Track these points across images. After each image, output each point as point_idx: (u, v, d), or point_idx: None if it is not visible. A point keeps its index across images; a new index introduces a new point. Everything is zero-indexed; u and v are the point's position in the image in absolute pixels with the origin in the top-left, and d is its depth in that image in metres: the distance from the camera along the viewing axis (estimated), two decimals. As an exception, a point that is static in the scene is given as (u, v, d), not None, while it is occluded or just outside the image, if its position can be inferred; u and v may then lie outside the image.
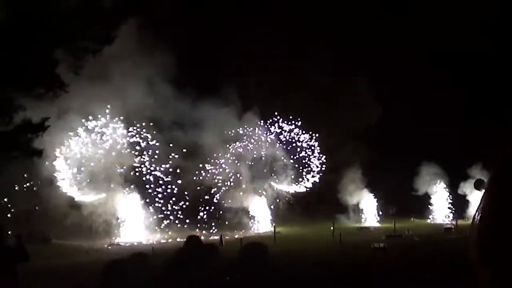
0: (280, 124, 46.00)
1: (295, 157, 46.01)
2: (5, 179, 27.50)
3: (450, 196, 45.72)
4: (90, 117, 37.63)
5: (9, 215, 32.49)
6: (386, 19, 45.86)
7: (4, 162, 22.86)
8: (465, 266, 1.05)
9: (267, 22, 43.14)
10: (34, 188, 35.83)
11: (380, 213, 45.22)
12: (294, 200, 45.55)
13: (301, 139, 46.71)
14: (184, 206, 40.33)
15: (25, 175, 34.63)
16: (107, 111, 37.90)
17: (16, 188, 34.38)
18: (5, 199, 33.39)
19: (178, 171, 40.28)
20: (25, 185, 35.30)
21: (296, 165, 45.88)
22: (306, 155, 46.79)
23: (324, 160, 46.67)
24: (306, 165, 46.63)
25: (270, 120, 45.28)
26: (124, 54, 33.90)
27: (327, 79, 44.96)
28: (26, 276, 11.18)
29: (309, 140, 46.76)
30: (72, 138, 37.13)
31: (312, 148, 46.83)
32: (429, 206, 46.37)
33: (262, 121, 43.96)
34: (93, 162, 37.61)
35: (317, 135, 46.55)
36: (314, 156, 46.82)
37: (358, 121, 45.54)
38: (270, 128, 45.31)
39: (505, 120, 31.61)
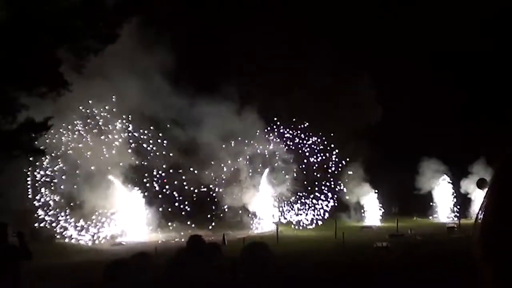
0: (282, 130, 45.61)
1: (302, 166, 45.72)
2: (7, 178, 27.48)
3: (453, 194, 45.67)
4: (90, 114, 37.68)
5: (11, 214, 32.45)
6: (386, 19, 45.94)
7: (5, 161, 22.88)
8: (468, 265, 1.06)
9: (268, 22, 43.12)
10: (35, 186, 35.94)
11: (383, 212, 45.14)
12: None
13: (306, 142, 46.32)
14: (186, 205, 40.30)
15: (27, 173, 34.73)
16: (106, 107, 37.87)
17: (18, 186, 34.35)
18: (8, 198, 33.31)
19: (179, 169, 40.26)
20: (27, 184, 35.30)
21: (305, 172, 45.54)
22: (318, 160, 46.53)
23: (344, 163, 45.97)
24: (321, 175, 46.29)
25: (269, 127, 44.83)
26: (123, 53, 33.80)
27: (328, 79, 44.85)
28: (29, 275, 11.21)
29: (318, 144, 46.36)
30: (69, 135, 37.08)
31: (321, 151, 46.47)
32: (432, 203, 46.29)
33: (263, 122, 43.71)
34: (93, 159, 37.48)
35: (331, 134, 45.64)
36: (332, 161, 46.44)
37: (359, 120, 45.44)
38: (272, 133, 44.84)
39: (506, 119, 31.66)
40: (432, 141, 42.56)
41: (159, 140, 40.01)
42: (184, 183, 40.27)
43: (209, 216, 40.97)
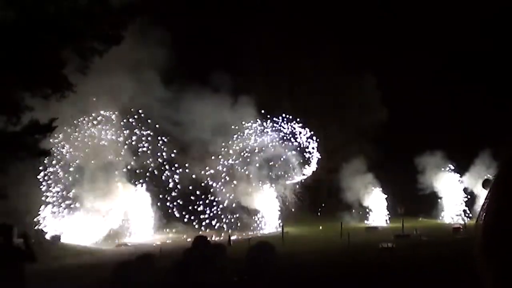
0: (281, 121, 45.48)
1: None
2: (11, 179, 27.47)
3: (463, 190, 45.45)
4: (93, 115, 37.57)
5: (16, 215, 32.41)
6: (387, 19, 46.08)
7: (9, 163, 22.87)
8: (470, 267, 1.04)
9: (271, 22, 43.21)
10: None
11: (389, 212, 45.02)
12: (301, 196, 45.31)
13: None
14: (190, 205, 40.18)
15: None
16: (103, 111, 37.71)
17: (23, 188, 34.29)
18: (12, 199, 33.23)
19: (179, 168, 40.14)
20: (31, 185, 35.21)
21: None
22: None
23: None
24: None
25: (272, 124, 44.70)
26: (123, 52, 33.37)
27: (332, 78, 44.94)
28: (33, 277, 11.22)
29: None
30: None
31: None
32: (438, 202, 46.11)
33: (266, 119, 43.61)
34: (94, 161, 37.35)
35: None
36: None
37: (363, 120, 45.51)
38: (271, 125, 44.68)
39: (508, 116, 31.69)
40: (435, 138, 42.58)
41: (158, 138, 39.79)
42: (184, 182, 40.15)
43: (214, 216, 40.89)
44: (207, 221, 40.20)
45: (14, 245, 9.15)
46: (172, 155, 40.06)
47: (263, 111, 42.37)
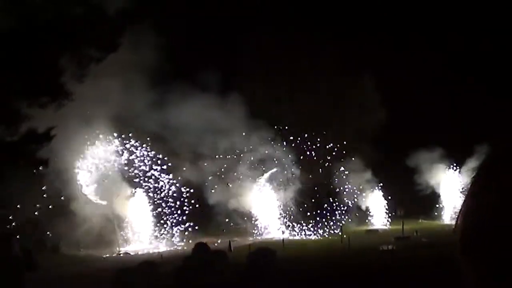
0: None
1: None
2: (10, 189, 27.38)
3: (458, 192, 45.27)
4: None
5: (17, 224, 32.28)
6: (387, 19, 46.02)
7: (8, 172, 22.81)
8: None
9: (270, 22, 43.12)
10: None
11: (389, 215, 44.83)
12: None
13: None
14: (188, 210, 39.88)
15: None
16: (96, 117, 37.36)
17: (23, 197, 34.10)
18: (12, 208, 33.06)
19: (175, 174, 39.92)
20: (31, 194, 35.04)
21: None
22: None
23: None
24: None
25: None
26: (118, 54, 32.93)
27: (332, 79, 44.76)
28: (35, 286, 11.18)
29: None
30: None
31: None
32: (438, 201, 45.96)
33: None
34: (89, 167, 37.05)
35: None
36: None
37: (363, 120, 45.32)
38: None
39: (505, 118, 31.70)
40: (435, 138, 42.56)
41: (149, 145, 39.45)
42: (183, 187, 39.89)
43: (214, 222, 40.65)
44: (206, 227, 39.89)
45: (14, 253, 9.11)
46: (169, 159, 39.68)
47: (259, 111, 41.96)
